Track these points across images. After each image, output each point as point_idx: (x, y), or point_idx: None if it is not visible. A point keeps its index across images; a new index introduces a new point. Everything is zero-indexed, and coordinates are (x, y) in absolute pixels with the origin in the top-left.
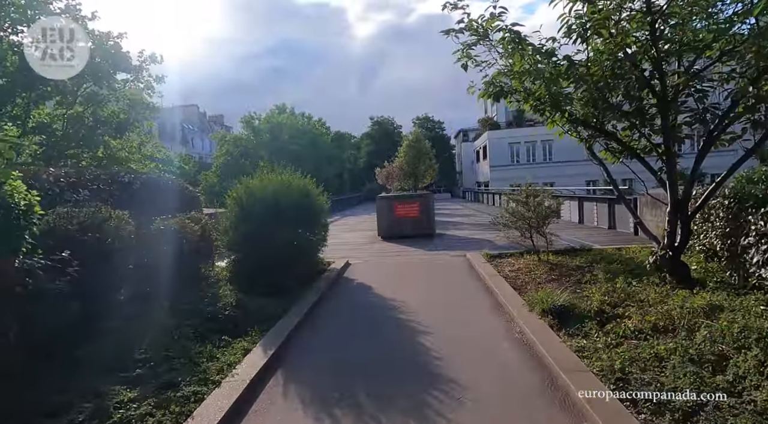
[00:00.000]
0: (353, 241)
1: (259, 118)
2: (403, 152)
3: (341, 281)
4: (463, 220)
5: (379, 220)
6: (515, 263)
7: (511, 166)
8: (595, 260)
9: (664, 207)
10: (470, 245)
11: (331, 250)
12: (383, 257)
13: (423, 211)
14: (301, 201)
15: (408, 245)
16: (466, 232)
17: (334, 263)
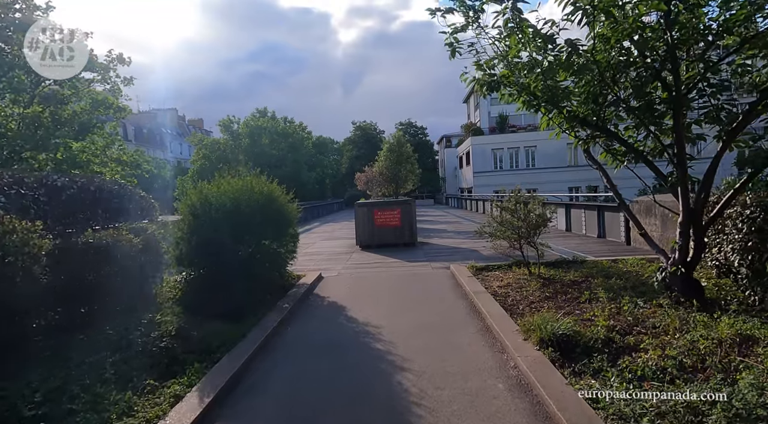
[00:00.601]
0: (330, 250)
1: (237, 122)
2: (383, 156)
3: (311, 299)
4: (447, 227)
5: (357, 228)
6: (504, 277)
7: (494, 172)
8: (591, 274)
9: (659, 214)
10: (454, 255)
11: (305, 260)
12: (360, 270)
13: (404, 218)
14: (266, 208)
15: (388, 255)
16: (450, 240)
17: (306, 276)
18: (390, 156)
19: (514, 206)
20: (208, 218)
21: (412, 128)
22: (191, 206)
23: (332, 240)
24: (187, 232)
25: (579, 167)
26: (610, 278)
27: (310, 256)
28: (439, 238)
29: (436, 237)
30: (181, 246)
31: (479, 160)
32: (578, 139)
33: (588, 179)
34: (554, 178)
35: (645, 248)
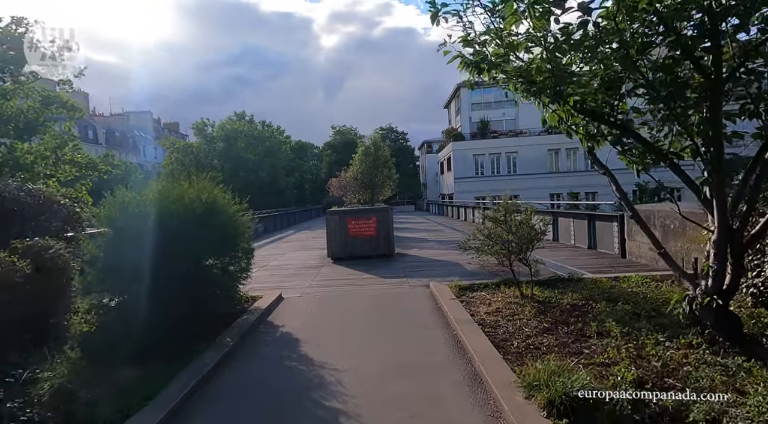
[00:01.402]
0: (298, 263)
1: (212, 125)
2: (358, 160)
3: (261, 331)
4: (427, 236)
5: (329, 238)
6: (492, 300)
7: (475, 178)
8: (592, 296)
9: (658, 225)
10: (435, 269)
11: (267, 276)
12: (328, 288)
13: (380, 228)
14: (209, 220)
15: (362, 270)
16: (431, 251)
17: (263, 297)
18: (365, 160)
19: (504, 217)
20: (132, 232)
21: (393, 133)
22: (110, 218)
23: (303, 250)
24: (105, 249)
25: (560, 174)
26: (615, 301)
27: (275, 270)
28: (418, 248)
29: (416, 247)
30: (95, 267)
31: (460, 166)
32: (588, 136)
33: (570, 186)
34: (536, 184)
35: (642, 262)
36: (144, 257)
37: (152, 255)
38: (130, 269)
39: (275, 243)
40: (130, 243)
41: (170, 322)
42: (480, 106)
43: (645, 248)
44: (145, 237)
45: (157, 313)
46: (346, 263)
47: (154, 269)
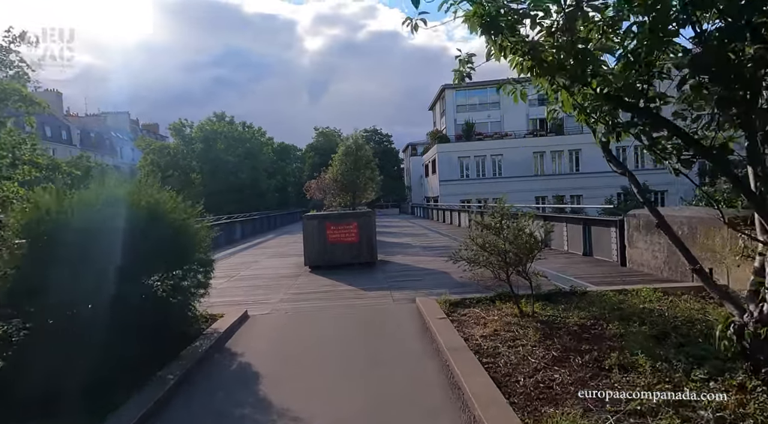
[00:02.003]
0: (272, 272)
1: (191, 126)
2: (338, 161)
3: (215, 361)
4: (413, 241)
5: (306, 245)
6: (487, 319)
7: (460, 181)
8: (602, 315)
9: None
10: (421, 279)
11: (234, 288)
12: (301, 303)
13: (362, 233)
14: (152, 229)
15: (341, 280)
16: (416, 258)
17: (224, 317)
18: (346, 160)
19: (499, 223)
20: (52, 244)
21: (377, 135)
22: (27, 227)
23: (280, 258)
24: (16, 265)
25: (545, 177)
26: (629, 320)
27: (245, 281)
28: (403, 255)
29: (400, 253)
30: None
31: (445, 168)
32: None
33: (555, 189)
34: (521, 187)
35: (644, 271)
36: (62, 277)
37: (74, 274)
38: (43, 292)
39: (251, 249)
40: (47, 259)
41: (94, 358)
42: (465, 108)
43: (648, 256)
44: (66, 251)
45: (77, 347)
46: (324, 272)
47: (76, 291)
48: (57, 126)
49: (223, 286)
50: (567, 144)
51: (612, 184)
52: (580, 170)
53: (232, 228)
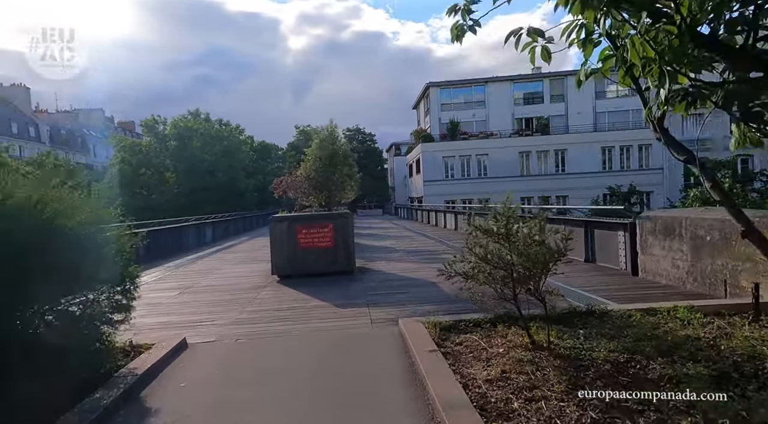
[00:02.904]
0: (234, 283)
1: (164, 123)
2: (311, 155)
3: (119, 420)
4: (396, 244)
5: (274, 251)
6: (491, 353)
7: (445, 181)
8: (636, 347)
9: (687, 237)
10: (406, 292)
11: (186, 303)
12: (258, 326)
13: (338, 237)
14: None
15: (312, 293)
16: (400, 265)
17: (156, 346)
18: (320, 155)
19: (505, 229)
20: None
21: (360, 135)
22: None
23: (249, 264)
24: None
25: (531, 177)
26: (672, 354)
27: (200, 294)
28: (385, 261)
29: (382, 259)
30: None
31: (430, 168)
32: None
33: (541, 190)
34: (506, 187)
35: (662, 282)
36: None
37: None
38: None
39: (220, 253)
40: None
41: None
42: (450, 106)
43: (666, 265)
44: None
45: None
46: (294, 283)
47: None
48: (24, 122)
49: (172, 301)
50: (553, 144)
51: (598, 185)
52: (566, 170)
53: (203, 230)
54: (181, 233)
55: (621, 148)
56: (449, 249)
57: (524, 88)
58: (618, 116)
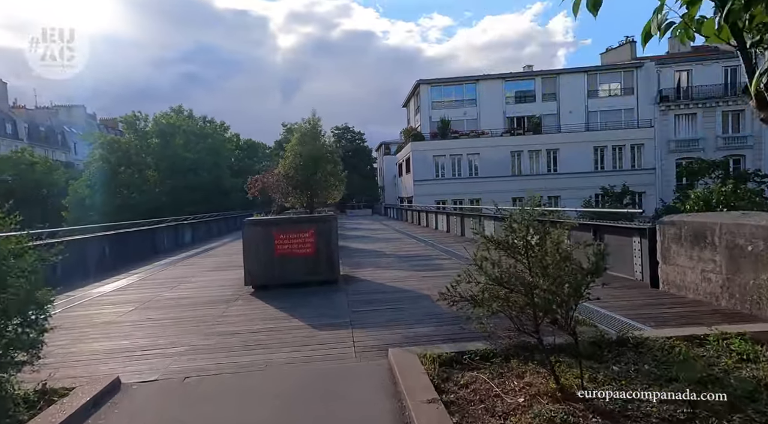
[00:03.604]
0: (202, 295)
1: (145, 119)
2: (290, 151)
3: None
4: (386, 247)
5: (248, 259)
6: (507, 403)
7: (436, 181)
8: (696, 395)
9: (721, 246)
10: (396, 308)
11: (137, 323)
12: (216, 357)
13: (321, 243)
14: None
15: (288, 310)
16: (390, 273)
17: (73, 391)
18: (301, 151)
19: (524, 240)
20: None
21: (349, 133)
22: None
23: (224, 270)
24: None
25: (523, 177)
26: (742, 405)
27: (158, 310)
28: (373, 267)
29: (370, 266)
30: None
31: (420, 168)
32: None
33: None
34: (498, 188)
35: (687, 296)
36: None
37: None
38: None
39: (196, 257)
40: None
41: None
42: (440, 104)
43: (694, 277)
44: None
45: None
46: (269, 296)
47: None
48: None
49: (123, 320)
50: (545, 143)
51: (590, 185)
52: (558, 170)
53: (181, 231)
54: (154, 235)
55: (613, 148)
56: (442, 254)
57: (516, 86)
58: (610, 115)
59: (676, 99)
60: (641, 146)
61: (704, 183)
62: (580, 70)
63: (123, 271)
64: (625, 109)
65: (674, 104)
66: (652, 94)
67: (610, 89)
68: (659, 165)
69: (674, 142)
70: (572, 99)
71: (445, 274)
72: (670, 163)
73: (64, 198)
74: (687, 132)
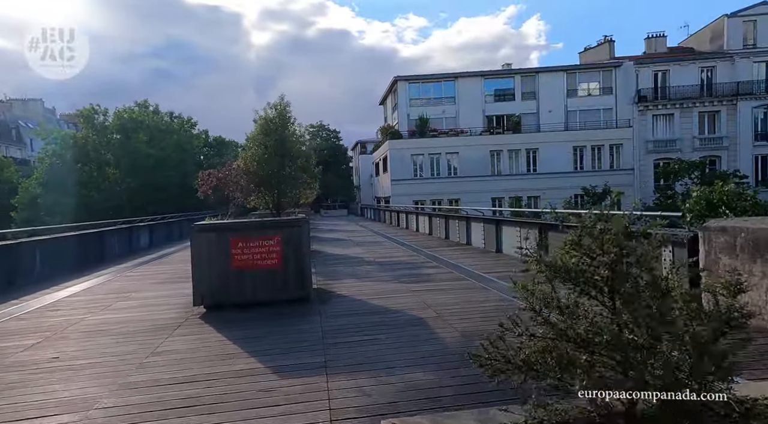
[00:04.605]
0: (137, 319)
1: (105, 113)
2: (252, 141)
3: None
4: (365, 253)
5: (197, 273)
6: None
7: (414, 180)
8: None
9: (762, 259)
10: (383, 338)
11: (22, 369)
12: None
13: (288, 254)
14: None
15: (242, 342)
16: (372, 286)
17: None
18: (265, 141)
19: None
20: None
21: (324, 131)
22: None
23: (176, 283)
24: None
25: (503, 177)
26: None
27: (70, 343)
28: (353, 278)
29: (349, 276)
30: None
31: (398, 167)
32: None
33: (512, 190)
34: (477, 188)
35: (751, 323)
36: None
37: None
38: None
39: (149, 265)
40: None
41: None
42: (419, 102)
43: (759, 297)
44: None
45: None
46: (223, 320)
47: None
48: None
49: (13, 362)
50: (524, 143)
51: (570, 185)
52: (537, 170)
53: (136, 234)
54: (103, 238)
55: (592, 148)
56: (429, 260)
57: (495, 84)
58: (589, 115)
59: (654, 99)
60: (620, 146)
61: (684, 184)
62: (559, 69)
63: (55, 283)
64: (604, 108)
65: (652, 104)
66: (630, 94)
67: (589, 89)
68: (638, 165)
69: (652, 143)
70: (551, 98)
71: (438, 287)
72: (648, 164)
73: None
74: (665, 132)
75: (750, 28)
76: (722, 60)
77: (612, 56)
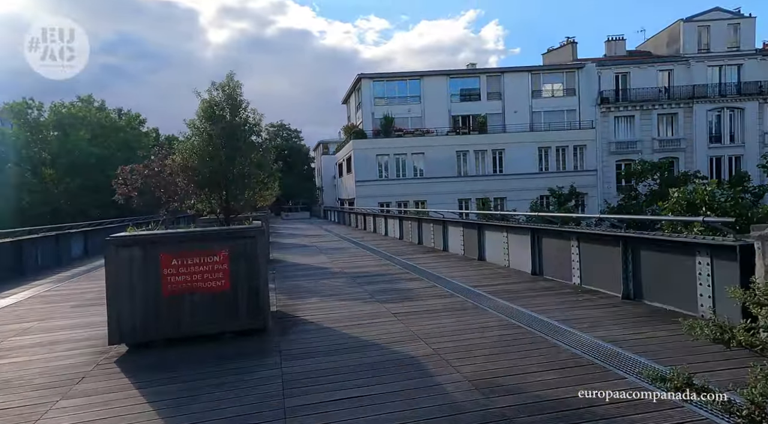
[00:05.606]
0: (31, 365)
1: (40, 108)
2: (191, 127)
3: None
4: (332, 262)
5: (115, 301)
6: None
7: (379, 182)
8: None
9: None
10: (375, 404)
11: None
12: None
13: (239, 273)
14: None
15: (166, 410)
16: (344, 308)
17: None
18: (211, 129)
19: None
20: None
21: (285, 131)
22: None
23: (96, 306)
24: None
25: (469, 178)
26: None
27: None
28: (320, 296)
29: (315, 294)
30: None
31: (362, 167)
32: None
33: (479, 191)
34: (444, 189)
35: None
36: None
37: None
38: None
39: (71, 282)
40: None
41: None
42: (383, 100)
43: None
44: None
45: None
46: (148, 365)
47: None
48: None
49: None
50: (491, 143)
51: (536, 186)
52: (503, 171)
53: (66, 243)
54: (21, 248)
55: (557, 149)
56: (407, 271)
57: (461, 84)
58: (554, 116)
59: (616, 101)
60: (584, 147)
61: (647, 185)
62: (524, 70)
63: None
64: (568, 109)
65: (614, 106)
66: (593, 96)
67: (553, 90)
68: (601, 167)
69: (614, 144)
70: (517, 99)
71: (423, 308)
72: (611, 165)
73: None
74: (626, 134)
75: (704, 33)
76: (679, 64)
77: (575, 58)
